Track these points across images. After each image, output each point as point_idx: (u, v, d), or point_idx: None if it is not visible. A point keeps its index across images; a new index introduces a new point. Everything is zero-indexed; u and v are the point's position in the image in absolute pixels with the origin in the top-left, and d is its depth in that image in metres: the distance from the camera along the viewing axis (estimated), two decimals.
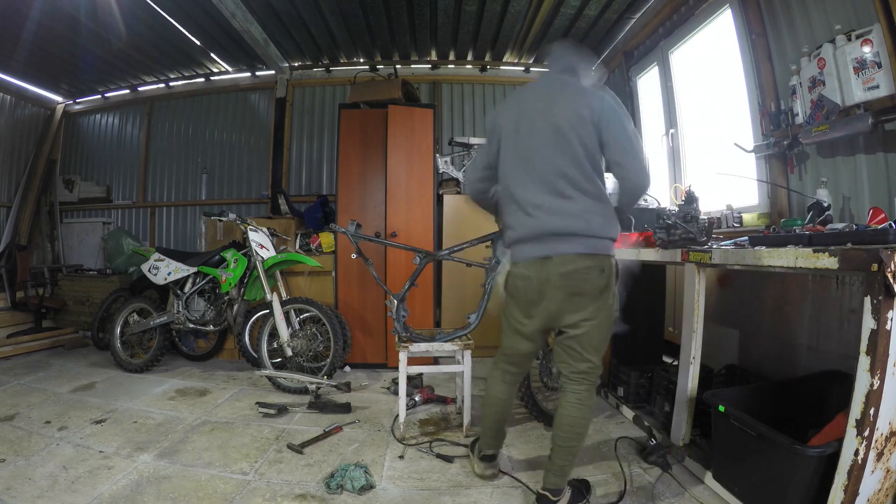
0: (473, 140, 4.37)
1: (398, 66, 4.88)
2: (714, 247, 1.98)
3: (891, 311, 1.25)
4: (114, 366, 3.54)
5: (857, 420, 1.32)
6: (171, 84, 5.39)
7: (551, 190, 1.64)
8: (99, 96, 5.60)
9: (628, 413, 2.63)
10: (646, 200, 3.45)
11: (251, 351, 3.49)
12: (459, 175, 4.34)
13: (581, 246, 1.62)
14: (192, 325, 3.50)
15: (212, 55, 4.84)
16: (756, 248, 1.71)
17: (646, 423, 2.43)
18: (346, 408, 2.72)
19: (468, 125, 5.15)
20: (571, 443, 1.68)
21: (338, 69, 5.13)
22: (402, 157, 3.69)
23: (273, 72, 5.06)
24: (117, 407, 2.75)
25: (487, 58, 5.00)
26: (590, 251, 1.62)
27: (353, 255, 2.71)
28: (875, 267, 1.22)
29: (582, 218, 1.62)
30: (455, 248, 2.60)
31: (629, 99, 4.42)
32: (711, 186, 3.19)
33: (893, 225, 1.61)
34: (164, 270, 3.55)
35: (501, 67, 5.12)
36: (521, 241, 1.71)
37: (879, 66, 1.98)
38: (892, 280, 1.20)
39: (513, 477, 1.98)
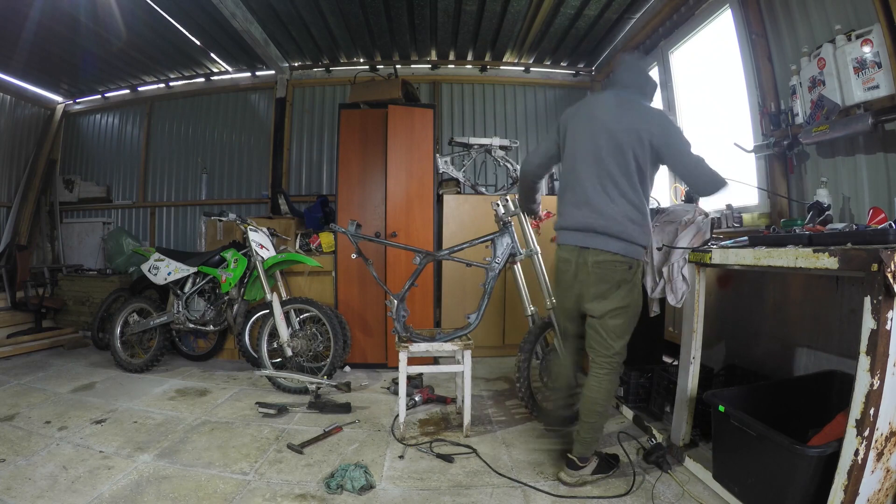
0: (473, 140, 4.38)
1: (398, 66, 4.88)
2: (714, 247, 1.98)
3: (891, 311, 1.25)
4: (114, 366, 3.54)
5: (857, 420, 1.32)
6: (171, 84, 5.39)
7: (601, 191, 1.88)
8: (99, 96, 5.60)
9: (628, 413, 2.63)
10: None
11: (251, 351, 3.49)
12: (459, 175, 4.34)
13: (614, 246, 1.85)
14: (192, 325, 3.50)
15: (212, 55, 4.84)
16: (756, 248, 1.70)
17: (646, 423, 2.43)
18: (346, 408, 2.72)
19: (468, 125, 5.15)
20: (591, 418, 1.92)
21: (338, 69, 5.13)
22: (402, 157, 3.69)
23: (273, 72, 5.06)
24: (117, 407, 2.75)
25: (487, 58, 5.00)
26: (621, 252, 1.85)
27: (353, 256, 2.71)
28: (875, 267, 1.22)
29: (619, 222, 1.85)
30: (455, 249, 2.60)
31: None
32: None
33: (893, 225, 1.61)
34: (164, 270, 3.55)
35: (501, 67, 5.12)
36: (567, 228, 1.97)
37: (879, 66, 1.98)
38: (892, 280, 1.20)
39: (511, 478, 1.98)
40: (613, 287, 1.87)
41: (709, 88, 3.45)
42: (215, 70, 5.20)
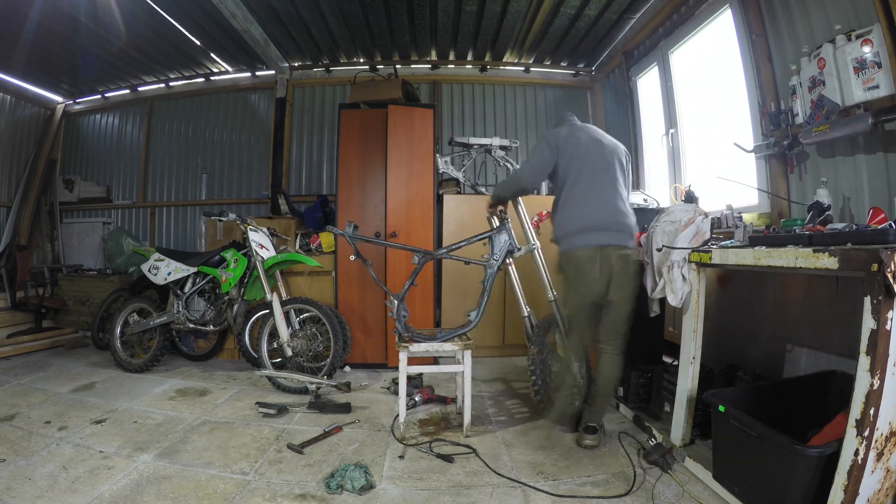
0: (473, 140, 4.38)
1: (398, 66, 4.88)
2: (714, 247, 1.98)
3: (891, 311, 1.25)
4: (114, 366, 3.54)
5: (857, 420, 1.32)
6: (171, 84, 5.39)
7: (619, 197, 2.27)
8: (99, 96, 5.60)
9: (628, 413, 2.63)
10: (645, 201, 3.46)
11: (251, 351, 3.49)
12: (459, 175, 4.34)
13: (631, 242, 2.27)
14: (192, 325, 3.50)
15: (212, 55, 4.84)
16: (756, 248, 1.70)
17: (646, 423, 2.43)
18: (346, 408, 2.72)
19: (468, 125, 5.15)
20: (607, 390, 2.31)
21: (338, 69, 5.13)
22: (402, 157, 3.69)
23: (273, 72, 5.06)
24: (117, 407, 2.75)
25: (487, 58, 5.00)
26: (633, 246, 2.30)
27: (352, 257, 2.71)
28: (875, 267, 1.22)
29: (631, 221, 2.28)
30: (453, 247, 2.61)
31: (629, 99, 4.42)
32: (712, 186, 3.20)
33: (893, 225, 1.61)
34: (164, 270, 3.55)
35: (501, 67, 5.12)
36: (590, 230, 2.21)
37: (879, 66, 1.98)
38: (892, 280, 1.20)
39: (511, 478, 1.98)
40: (631, 277, 2.23)
41: (709, 88, 3.45)
42: (215, 70, 5.20)
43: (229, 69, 5.17)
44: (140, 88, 5.48)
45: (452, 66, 5.14)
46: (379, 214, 3.72)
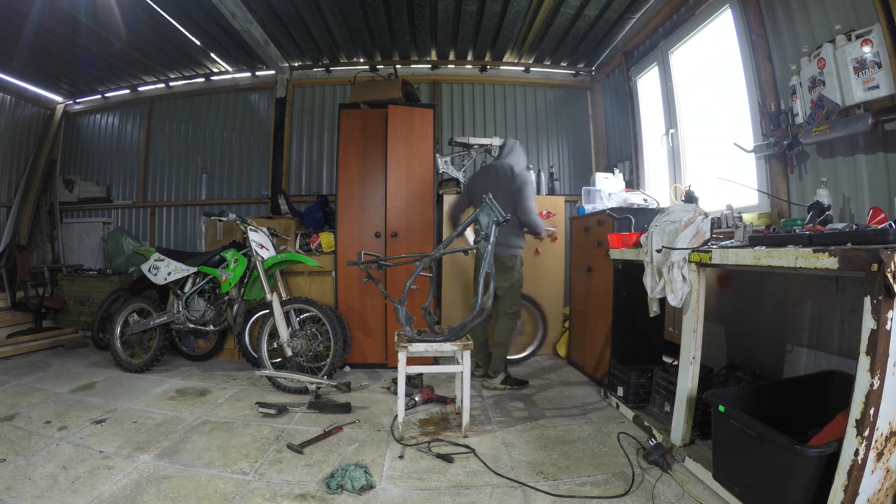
0: (473, 140, 4.38)
1: (398, 66, 4.88)
2: (714, 247, 1.98)
3: (891, 311, 1.25)
4: (114, 366, 3.54)
5: (857, 420, 1.32)
6: (171, 84, 5.39)
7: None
8: (99, 96, 5.60)
9: (628, 413, 2.63)
10: (645, 201, 3.46)
11: (251, 351, 3.49)
12: (459, 175, 4.34)
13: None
14: (192, 325, 3.49)
15: (212, 55, 4.84)
16: (756, 248, 1.70)
17: (646, 423, 2.43)
18: (345, 408, 2.72)
19: (468, 125, 5.15)
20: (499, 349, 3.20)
21: (338, 69, 5.13)
22: (402, 157, 3.69)
23: (273, 72, 5.06)
24: (117, 407, 2.75)
25: (487, 58, 5.00)
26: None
27: (364, 280, 2.80)
28: (875, 267, 1.22)
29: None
30: (447, 241, 2.68)
31: (629, 99, 4.42)
32: (712, 186, 3.20)
33: (893, 225, 1.61)
34: (164, 270, 3.54)
35: (501, 67, 5.12)
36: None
37: (879, 66, 1.98)
38: (892, 280, 1.20)
39: (510, 478, 1.98)
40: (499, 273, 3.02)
41: (709, 88, 3.45)
42: (215, 70, 5.20)
43: (229, 69, 5.17)
44: (140, 88, 5.48)
45: (452, 66, 5.14)
46: (379, 214, 3.72)
